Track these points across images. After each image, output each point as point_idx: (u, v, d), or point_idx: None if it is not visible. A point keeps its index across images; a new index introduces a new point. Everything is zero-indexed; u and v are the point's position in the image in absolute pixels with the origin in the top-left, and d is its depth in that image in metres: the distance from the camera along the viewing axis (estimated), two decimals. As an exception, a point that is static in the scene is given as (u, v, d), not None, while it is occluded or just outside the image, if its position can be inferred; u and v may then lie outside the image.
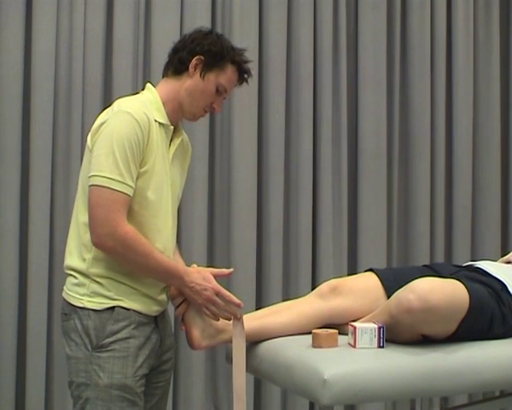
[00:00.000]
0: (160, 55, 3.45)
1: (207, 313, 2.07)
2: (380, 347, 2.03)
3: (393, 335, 2.06)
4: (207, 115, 3.52)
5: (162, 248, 2.06)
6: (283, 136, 3.70)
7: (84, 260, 2.02)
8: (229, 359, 2.38)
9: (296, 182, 3.72)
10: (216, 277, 2.11)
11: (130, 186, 1.98)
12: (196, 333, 2.13)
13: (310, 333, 2.10)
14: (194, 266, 2.17)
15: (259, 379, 3.48)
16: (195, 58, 2.10)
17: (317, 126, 3.77)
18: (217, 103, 2.17)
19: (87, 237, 2.00)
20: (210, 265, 3.59)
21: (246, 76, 2.19)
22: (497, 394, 2.77)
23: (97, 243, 1.97)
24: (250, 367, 2.23)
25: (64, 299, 2.08)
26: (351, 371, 1.92)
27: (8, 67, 3.30)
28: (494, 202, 4.04)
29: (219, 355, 3.52)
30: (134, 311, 2.03)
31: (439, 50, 3.96)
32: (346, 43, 3.80)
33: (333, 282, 2.32)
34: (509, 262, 2.53)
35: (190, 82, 2.11)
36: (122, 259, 1.99)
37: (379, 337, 2.03)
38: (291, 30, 3.73)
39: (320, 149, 3.76)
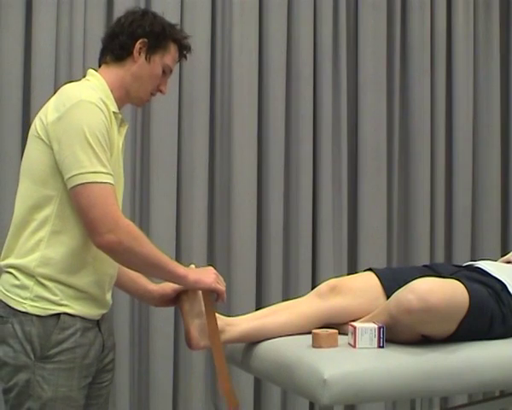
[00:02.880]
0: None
1: (219, 286, 2.05)
2: (380, 347, 2.03)
3: (393, 335, 2.06)
4: (207, 115, 3.57)
5: (105, 264, 1.97)
6: (283, 136, 3.70)
7: (31, 258, 1.89)
8: (229, 359, 2.38)
9: (296, 182, 3.72)
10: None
11: (110, 174, 1.88)
12: (195, 333, 2.12)
13: (310, 333, 2.10)
14: (192, 266, 2.17)
15: (259, 379, 3.48)
16: (139, 42, 2.03)
17: (316, 126, 3.77)
18: (163, 85, 2.10)
19: (41, 233, 1.90)
20: (210, 265, 3.60)
21: (185, 52, 2.14)
22: (497, 394, 2.77)
23: (101, 242, 1.85)
24: (250, 367, 2.23)
25: (0, 300, 1.94)
26: (351, 371, 1.92)
27: (8, 67, 3.30)
28: (494, 201, 4.04)
29: (219, 355, 3.52)
30: (79, 317, 1.93)
31: (439, 50, 3.96)
32: (346, 44, 3.81)
33: (332, 281, 2.32)
34: (509, 262, 2.53)
35: (136, 67, 2.04)
36: (129, 253, 1.88)
37: (379, 337, 2.03)
38: (291, 30, 3.73)
39: (320, 149, 3.76)
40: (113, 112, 1.98)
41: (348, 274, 3.55)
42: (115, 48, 2.06)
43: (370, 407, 3.72)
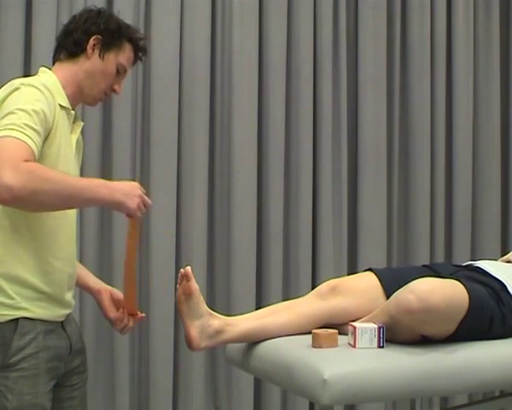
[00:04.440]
0: (160, 55, 3.48)
1: (139, 214, 1.91)
2: (380, 347, 2.03)
3: (393, 335, 2.06)
4: (207, 115, 3.57)
5: (63, 262, 1.92)
6: (283, 136, 3.70)
7: None
8: (229, 359, 2.38)
9: (296, 182, 3.72)
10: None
11: (35, 143, 1.75)
12: (195, 334, 2.12)
13: (310, 333, 2.10)
14: (182, 271, 2.15)
15: (259, 379, 3.48)
16: (92, 38, 2.01)
17: (317, 126, 3.77)
18: (117, 84, 2.08)
19: None
20: (210, 265, 3.60)
21: (141, 54, 2.12)
22: (497, 394, 2.78)
23: (2, 190, 1.65)
24: (250, 367, 2.23)
25: None
26: (351, 371, 1.92)
27: (8, 67, 3.30)
28: (494, 201, 4.05)
29: (219, 355, 3.52)
30: (39, 320, 1.87)
31: (439, 50, 3.96)
32: (346, 43, 3.80)
33: (332, 282, 2.32)
34: (508, 262, 2.53)
35: (89, 64, 2.01)
36: (38, 195, 1.70)
37: (379, 337, 2.03)
38: (291, 30, 3.73)
39: (320, 149, 3.76)
40: (61, 105, 1.94)
41: (348, 274, 3.55)
42: (69, 44, 2.03)
43: (370, 407, 3.72)
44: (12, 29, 3.30)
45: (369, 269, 2.37)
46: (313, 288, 2.87)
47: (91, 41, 2.01)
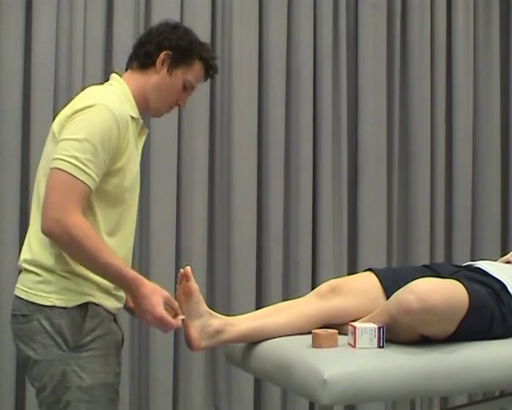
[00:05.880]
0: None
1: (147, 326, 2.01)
2: (380, 347, 2.03)
3: (393, 335, 2.06)
4: (207, 115, 3.57)
5: (125, 257, 2.01)
6: (283, 136, 3.70)
7: (49, 254, 1.91)
8: (229, 359, 2.38)
9: (296, 182, 3.72)
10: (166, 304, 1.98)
11: (93, 179, 1.86)
12: (195, 334, 2.12)
13: (310, 333, 2.10)
14: (182, 271, 2.15)
15: (259, 379, 3.48)
16: (163, 53, 2.04)
17: (316, 126, 3.77)
18: (182, 100, 2.11)
19: None
20: (210, 265, 3.60)
21: (212, 72, 2.14)
22: (497, 394, 2.78)
23: (44, 227, 1.83)
24: (250, 367, 2.23)
25: (21, 298, 1.94)
26: (351, 371, 1.92)
27: (8, 67, 3.30)
28: (494, 202, 4.05)
29: (219, 355, 3.52)
30: (102, 307, 1.96)
31: (439, 50, 3.96)
32: (346, 43, 3.81)
33: (332, 282, 2.32)
34: (508, 262, 2.53)
35: (157, 77, 2.05)
36: (68, 250, 1.87)
37: (379, 337, 2.03)
38: (291, 30, 3.73)
39: (320, 150, 3.76)
40: (132, 117, 2.00)
41: (348, 274, 3.56)
42: (141, 55, 2.07)
43: (370, 407, 3.72)
44: (12, 29, 3.30)
45: (369, 269, 2.37)
46: (313, 288, 2.88)
47: (162, 55, 2.05)
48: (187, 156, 3.56)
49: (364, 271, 2.41)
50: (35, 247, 1.94)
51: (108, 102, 1.92)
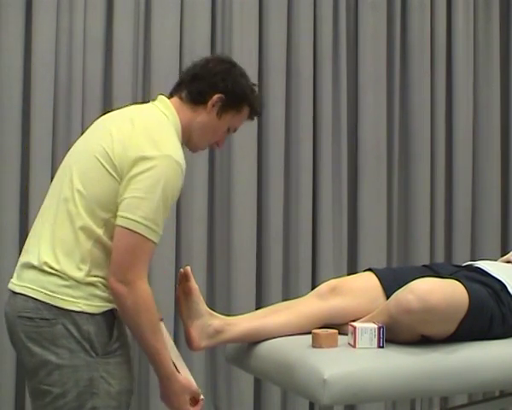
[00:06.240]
0: (160, 56, 3.48)
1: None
2: (380, 347, 2.03)
3: (393, 335, 2.06)
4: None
5: None
6: (283, 136, 3.70)
7: (79, 269, 1.87)
8: (229, 359, 2.38)
9: (296, 182, 3.72)
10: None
11: (160, 235, 1.91)
12: (195, 334, 2.13)
13: (310, 333, 2.10)
14: (182, 271, 2.16)
15: (259, 379, 3.48)
16: (216, 96, 2.02)
17: (317, 126, 3.77)
18: (222, 141, 2.14)
19: (86, 246, 1.87)
20: (210, 265, 3.59)
21: (254, 116, 2.16)
22: (497, 394, 2.78)
23: (112, 285, 1.85)
24: (250, 367, 2.24)
25: (38, 300, 1.87)
26: (351, 371, 1.92)
27: (8, 67, 3.29)
28: (494, 202, 4.04)
29: (219, 355, 3.52)
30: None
31: (439, 50, 3.96)
32: (346, 43, 3.80)
33: (332, 282, 2.32)
34: (508, 262, 2.53)
35: (206, 117, 2.04)
36: (124, 311, 1.88)
37: (379, 337, 2.03)
38: (291, 30, 3.73)
39: (320, 150, 3.76)
40: None
41: (348, 274, 3.55)
42: (193, 90, 2.04)
43: (370, 407, 3.72)
44: (12, 29, 3.30)
45: (369, 269, 2.37)
46: (313, 288, 2.88)
47: (215, 98, 2.03)
48: (187, 156, 3.54)
49: (364, 271, 2.41)
50: (62, 259, 1.88)
51: (174, 152, 1.90)
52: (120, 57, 3.45)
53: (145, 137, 1.91)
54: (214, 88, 2.03)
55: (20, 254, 2.10)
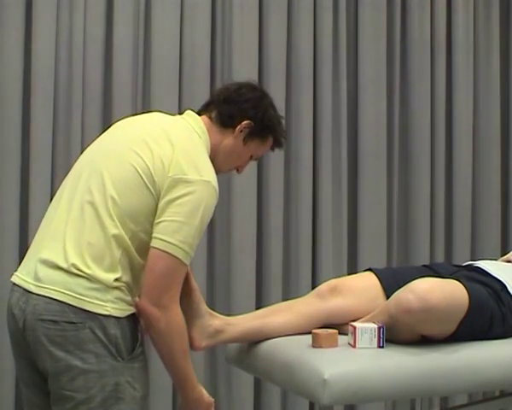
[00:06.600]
0: (160, 56, 3.48)
1: None
2: (380, 347, 2.03)
3: (393, 335, 2.06)
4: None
5: None
6: (283, 136, 3.70)
7: (108, 274, 1.85)
8: (229, 359, 2.38)
9: (296, 182, 3.72)
10: None
11: (192, 257, 1.92)
12: (195, 334, 2.13)
13: (310, 333, 2.10)
14: (188, 268, 2.16)
15: (259, 379, 3.48)
16: (245, 122, 2.04)
17: (317, 127, 3.77)
18: (243, 167, 2.14)
19: (116, 254, 1.86)
20: (210, 265, 3.59)
21: (276, 148, 2.18)
22: (497, 394, 2.78)
23: (145, 307, 1.86)
24: (250, 367, 2.24)
25: (64, 303, 1.82)
26: (351, 371, 1.92)
27: (8, 67, 3.29)
28: (494, 201, 4.05)
29: (219, 356, 3.52)
30: None
31: (439, 50, 3.96)
32: (346, 43, 3.80)
33: (332, 282, 2.32)
34: (508, 262, 2.53)
35: (232, 141, 2.06)
36: (158, 333, 1.88)
37: (379, 337, 2.03)
38: (291, 30, 3.73)
39: (320, 150, 3.76)
40: None
41: (348, 274, 3.55)
42: (223, 113, 2.06)
43: (370, 407, 3.72)
44: (12, 29, 3.30)
45: (369, 269, 2.37)
46: (313, 288, 2.88)
47: (244, 123, 2.05)
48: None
49: (364, 271, 2.41)
50: (90, 263, 1.84)
51: (212, 178, 1.92)
52: (120, 57, 3.45)
53: (185, 159, 1.91)
54: (244, 114, 2.05)
55: (19, 253, 2.08)
